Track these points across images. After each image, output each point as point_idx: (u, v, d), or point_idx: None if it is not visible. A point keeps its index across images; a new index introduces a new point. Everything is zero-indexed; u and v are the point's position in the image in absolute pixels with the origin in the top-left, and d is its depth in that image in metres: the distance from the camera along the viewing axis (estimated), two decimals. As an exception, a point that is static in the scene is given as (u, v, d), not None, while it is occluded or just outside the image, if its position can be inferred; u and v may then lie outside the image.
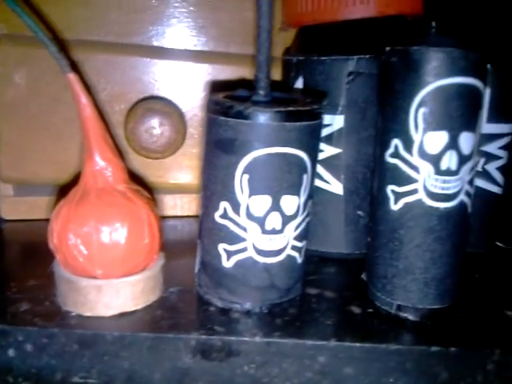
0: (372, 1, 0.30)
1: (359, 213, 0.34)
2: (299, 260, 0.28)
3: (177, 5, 0.39)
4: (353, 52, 0.32)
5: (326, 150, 0.33)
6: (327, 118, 0.33)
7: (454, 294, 0.27)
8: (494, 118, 0.33)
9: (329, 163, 0.33)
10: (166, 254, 0.31)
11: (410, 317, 0.27)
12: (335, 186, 0.34)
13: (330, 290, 0.31)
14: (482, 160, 0.34)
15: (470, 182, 0.26)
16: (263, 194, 0.26)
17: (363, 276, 0.30)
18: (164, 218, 0.35)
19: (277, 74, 0.36)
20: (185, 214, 0.42)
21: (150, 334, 0.26)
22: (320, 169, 0.34)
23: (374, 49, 0.31)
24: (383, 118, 0.27)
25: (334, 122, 0.33)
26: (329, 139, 0.33)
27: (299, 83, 0.34)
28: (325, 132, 0.33)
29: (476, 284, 0.32)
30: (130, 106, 0.37)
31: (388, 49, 0.25)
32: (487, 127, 0.33)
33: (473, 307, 0.29)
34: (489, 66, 0.25)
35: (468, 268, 0.32)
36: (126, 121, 0.36)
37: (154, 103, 0.34)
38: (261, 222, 0.26)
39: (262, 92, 0.27)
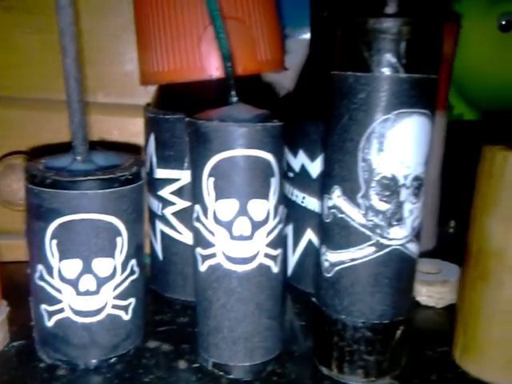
0: (200, 64, 0.31)
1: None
2: (126, 317, 0.29)
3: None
4: (194, 111, 0.33)
5: (178, 203, 0.34)
6: (176, 173, 0.34)
7: (268, 349, 0.28)
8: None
9: (180, 215, 0.35)
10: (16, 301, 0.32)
11: (224, 374, 0.28)
12: (187, 237, 0.34)
13: (171, 342, 0.32)
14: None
15: (271, 245, 0.27)
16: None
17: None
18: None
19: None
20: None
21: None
22: (174, 220, 0.35)
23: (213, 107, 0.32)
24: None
25: (182, 176, 0.34)
26: (179, 193, 0.34)
27: (152, 139, 0.35)
28: (176, 186, 0.34)
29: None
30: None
31: (186, 120, 0.26)
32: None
33: (296, 361, 0.30)
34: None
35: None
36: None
37: (14, 158, 0.35)
38: (74, 284, 0.27)
39: (79, 158, 0.28)
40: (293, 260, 0.39)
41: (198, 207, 0.27)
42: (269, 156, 0.26)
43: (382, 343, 0.27)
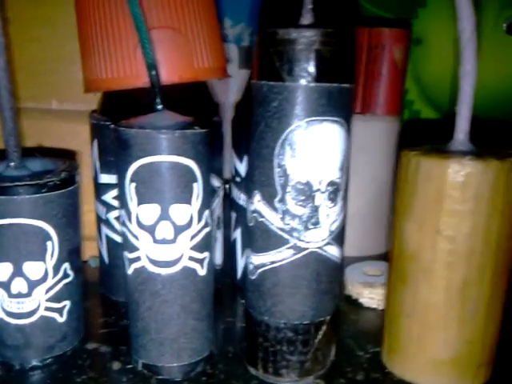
0: (136, 72, 0.32)
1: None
2: (61, 319, 0.30)
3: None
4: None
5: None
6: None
7: (196, 350, 0.29)
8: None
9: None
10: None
11: (153, 374, 0.29)
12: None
13: (110, 344, 0.33)
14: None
15: (196, 249, 0.28)
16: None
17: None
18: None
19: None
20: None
21: None
22: (117, 225, 0.36)
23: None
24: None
25: (124, 182, 0.35)
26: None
27: (95, 145, 0.36)
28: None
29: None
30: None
31: (112, 127, 0.27)
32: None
33: (229, 362, 0.31)
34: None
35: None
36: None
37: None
38: (6, 287, 0.28)
39: (12, 164, 0.29)
40: (241, 263, 0.40)
41: (123, 212, 0.27)
42: (190, 162, 0.26)
43: (304, 343, 0.28)
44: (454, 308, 0.26)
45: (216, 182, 0.37)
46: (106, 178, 0.35)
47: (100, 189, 0.36)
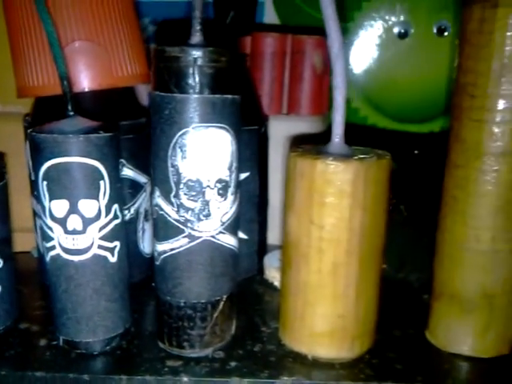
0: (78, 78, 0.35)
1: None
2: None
3: None
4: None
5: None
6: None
7: (109, 328, 0.33)
8: None
9: (55, 213, 0.39)
10: None
11: (72, 349, 0.33)
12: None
13: (40, 324, 0.36)
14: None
15: (105, 238, 0.31)
16: None
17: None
18: None
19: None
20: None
21: None
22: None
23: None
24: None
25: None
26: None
27: (27, 145, 0.39)
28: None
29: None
30: None
31: (28, 131, 0.31)
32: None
33: (144, 338, 0.35)
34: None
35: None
36: None
37: None
38: None
39: None
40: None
41: (39, 207, 0.31)
42: (95, 162, 0.30)
43: (202, 320, 0.32)
44: (327, 287, 0.31)
45: (143, 179, 0.41)
46: (39, 176, 0.39)
47: (33, 186, 0.39)
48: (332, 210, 0.29)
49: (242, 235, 0.42)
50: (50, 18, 0.31)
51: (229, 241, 0.32)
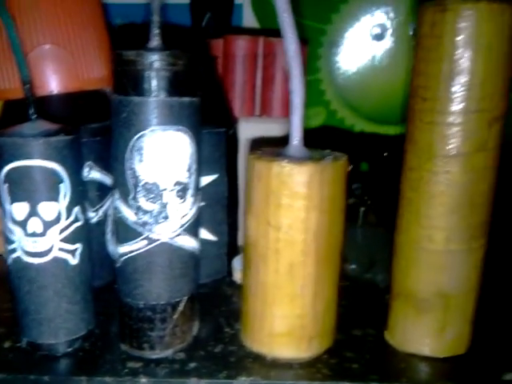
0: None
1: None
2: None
3: None
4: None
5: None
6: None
7: (71, 330, 0.33)
8: None
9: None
10: None
11: (35, 351, 0.33)
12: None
13: (7, 326, 0.37)
14: None
15: (66, 241, 0.32)
16: None
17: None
18: None
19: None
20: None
21: None
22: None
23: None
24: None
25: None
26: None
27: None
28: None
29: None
30: None
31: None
32: None
33: (108, 340, 0.35)
34: None
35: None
36: None
37: None
38: None
39: None
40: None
41: (0, 210, 0.31)
42: (55, 165, 0.30)
43: (162, 321, 0.32)
44: (285, 287, 0.31)
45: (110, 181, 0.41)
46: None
47: None
48: (288, 212, 0.30)
49: (211, 237, 0.42)
50: (12, 22, 0.31)
51: (188, 243, 0.32)
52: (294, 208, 0.30)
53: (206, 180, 0.40)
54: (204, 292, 0.42)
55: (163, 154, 0.30)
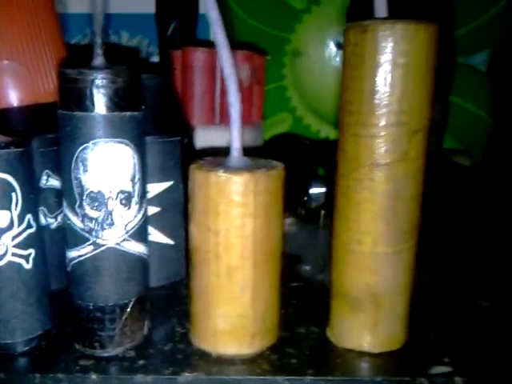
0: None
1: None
2: None
3: None
4: None
5: None
6: None
7: (26, 330, 0.35)
8: None
9: None
10: None
11: (-9, 351, 0.35)
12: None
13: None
14: None
15: (19, 246, 0.33)
16: None
17: None
18: None
19: None
20: None
21: None
22: None
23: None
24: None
25: None
26: None
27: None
28: None
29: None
30: None
31: None
32: None
33: (66, 340, 0.37)
34: None
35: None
36: None
37: None
38: None
39: None
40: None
41: (-45, 218, 0.33)
42: (6, 176, 0.32)
43: (111, 321, 0.34)
44: (225, 288, 0.33)
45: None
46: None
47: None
48: (225, 218, 0.32)
49: (168, 241, 0.44)
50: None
51: (135, 248, 0.34)
52: (230, 215, 0.32)
53: (162, 186, 0.43)
54: (161, 293, 0.44)
55: (106, 164, 0.31)
